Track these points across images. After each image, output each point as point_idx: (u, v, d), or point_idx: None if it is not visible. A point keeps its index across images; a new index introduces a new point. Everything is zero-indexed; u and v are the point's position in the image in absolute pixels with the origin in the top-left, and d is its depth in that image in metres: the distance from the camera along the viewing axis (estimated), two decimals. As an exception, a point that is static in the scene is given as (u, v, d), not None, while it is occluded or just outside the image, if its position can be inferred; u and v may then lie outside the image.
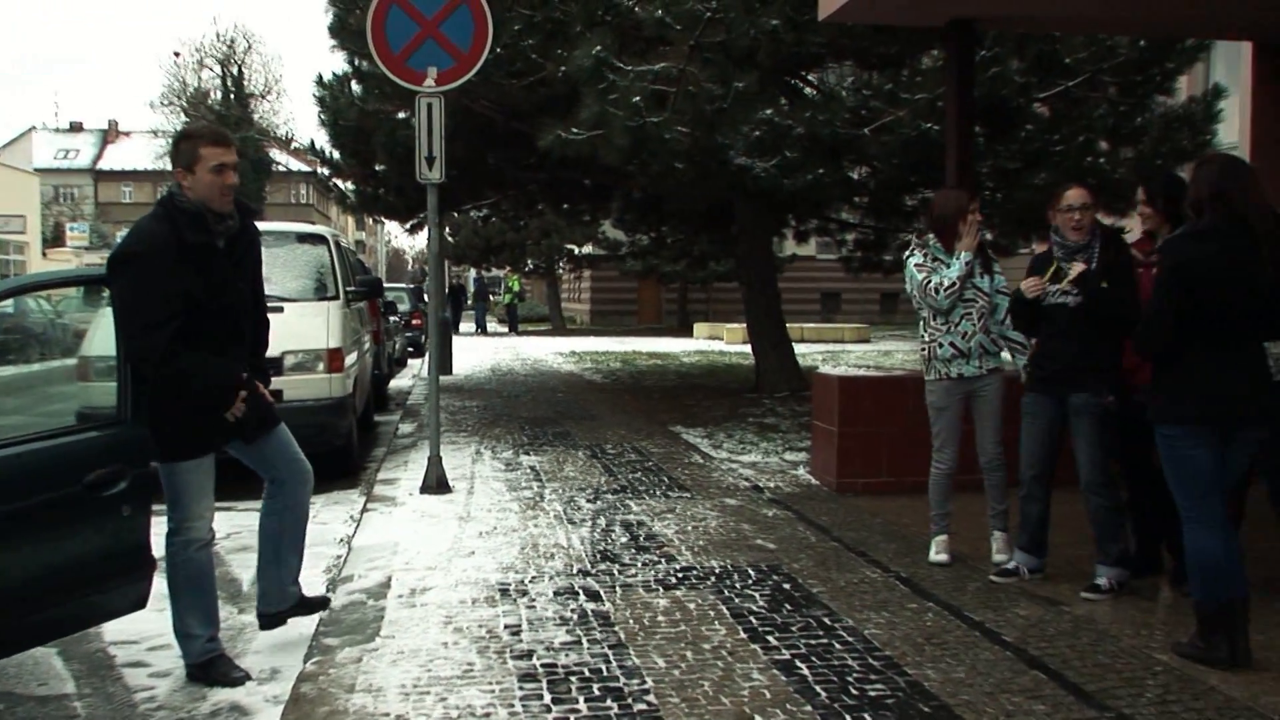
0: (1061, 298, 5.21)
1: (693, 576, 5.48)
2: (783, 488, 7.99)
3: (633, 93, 9.54)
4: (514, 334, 35.61)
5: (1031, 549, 5.47)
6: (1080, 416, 5.17)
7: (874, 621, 4.74)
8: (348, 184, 17.86)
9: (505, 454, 9.45)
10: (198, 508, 4.32)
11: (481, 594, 5.21)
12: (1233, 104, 12.95)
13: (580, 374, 18.59)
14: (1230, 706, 3.80)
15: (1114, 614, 4.89)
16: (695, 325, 34.87)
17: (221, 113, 50.12)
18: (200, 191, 4.16)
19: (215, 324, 4.22)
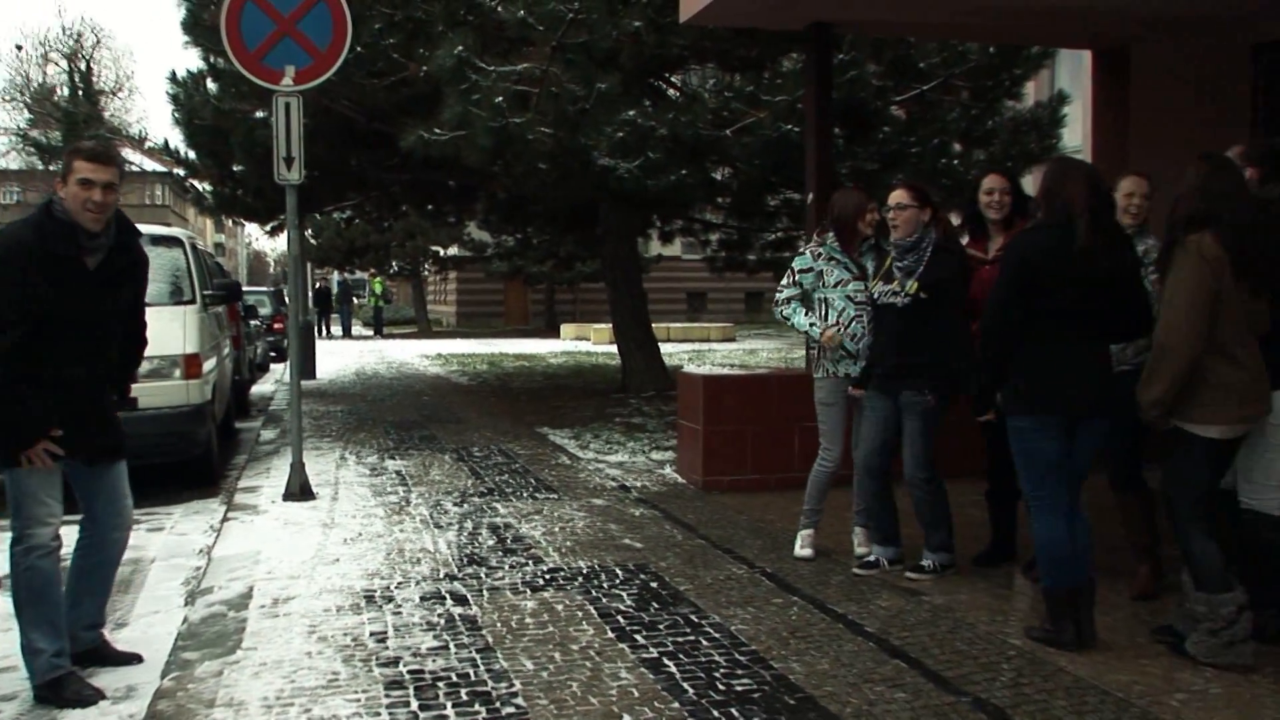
0: (891, 298, 5.34)
1: (560, 578, 5.46)
2: (649, 487, 8.02)
3: (495, 93, 9.47)
4: (379, 337, 35.01)
5: (887, 540, 5.61)
6: (906, 414, 5.34)
7: (740, 617, 4.79)
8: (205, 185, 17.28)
9: (370, 459, 9.28)
10: (39, 513, 4.11)
11: (346, 601, 5.09)
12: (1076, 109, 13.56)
13: (446, 377, 18.39)
14: (1078, 686, 3.95)
15: (970, 602, 5.04)
16: (562, 326, 34.80)
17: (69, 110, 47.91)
18: (69, 204, 4.08)
19: (71, 340, 4.09)
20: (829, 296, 5.71)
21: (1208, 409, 4.10)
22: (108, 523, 4.42)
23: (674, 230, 18.58)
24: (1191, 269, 4.03)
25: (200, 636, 4.68)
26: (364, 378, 18.23)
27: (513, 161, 10.60)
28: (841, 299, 5.67)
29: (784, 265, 18.06)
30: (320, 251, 36.58)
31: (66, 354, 4.08)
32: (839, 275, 5.70)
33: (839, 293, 5.68)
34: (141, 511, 7.62)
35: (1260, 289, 4.09)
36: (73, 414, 4.15)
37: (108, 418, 4.32)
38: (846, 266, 5.70)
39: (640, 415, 12.21)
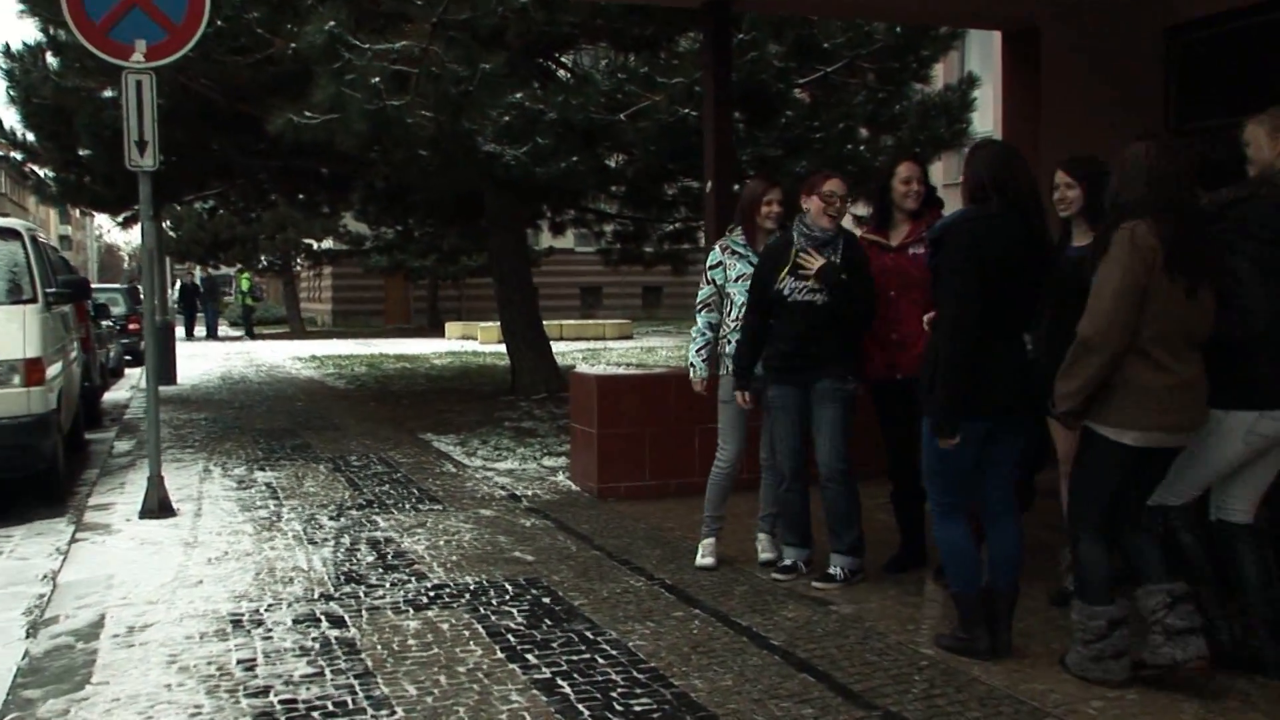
0: (809, 295, 5.36)
1: (445, 595, 5.40)
2: (541, 495, 8.00)
3: (371, 73, 9.33)
4: (249, 338, 34.27)
5: (802, 542, 5.68)
6: (823, 403, 5.38)
7: (639, 632, 4.79)
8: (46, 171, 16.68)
9: (237, 471, 9.07)
10: None
11: (211, 628, 4.95)
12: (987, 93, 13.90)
13: (322, 380, 18.11)
14: (992, 696, 4.04)
15: (880, 610, 5.12)
16: (447, 325, 34.58)
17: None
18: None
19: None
20: (731, 292, 5.79)
21: (1123, 412, 4.00)
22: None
23: (565, 221, 18.55)
24: (1123, 257, 3.92)
25: (44, 671, 4.51)
26: (230, 383, 17.85)
27: (391, 147, 10.46)
28: (742, 295, 5.73)
29: (682, 258, 18.28)
30: (180, 245, 35.62)
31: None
32: (740, 269, 5.78)
33: (739, 288, 5.75)
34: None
35: (1195, 288, 3.96)
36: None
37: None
38: (750, 260, 5.76)
39: (531, 419, 12.16)
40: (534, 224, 18.77)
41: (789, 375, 5.45)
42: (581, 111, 10.08)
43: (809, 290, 5.35)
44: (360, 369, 20.22)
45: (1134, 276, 3.90)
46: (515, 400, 13.89)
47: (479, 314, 37.48)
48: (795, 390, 5.46)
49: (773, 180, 6.05)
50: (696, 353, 5.95)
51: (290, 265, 39.21)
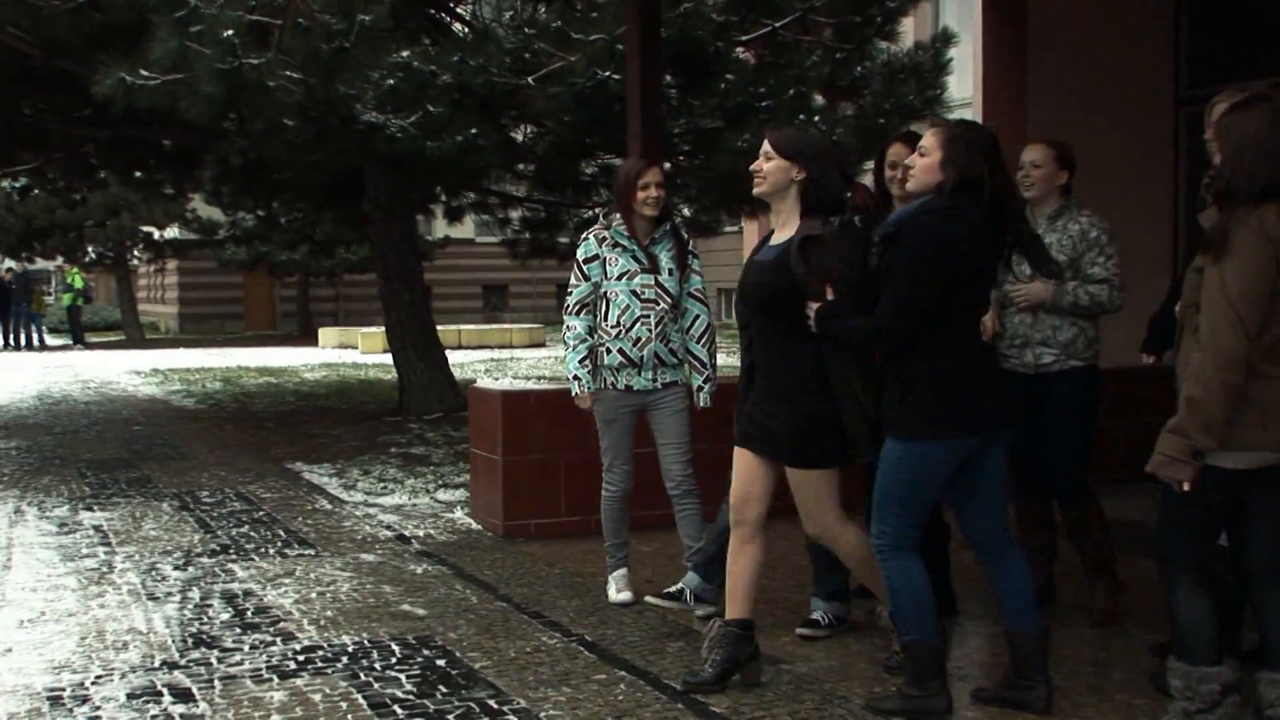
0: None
1: (318, 659, 5.36)
2: (435, 536, 7.98)
3: (223, 25, 9.22)
4: (79, 346, 33.67)
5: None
6: None
7: (552, 700, 4.79)
8: None
9: (58, 511, 8.95)
10: None
11: (22, 706, 4.86)
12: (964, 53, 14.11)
13: (166, 399, 17.94)
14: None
15: (842, 669, 5.16)
16: (321, 331, 34.30)
17: None
18: None
19: None
20: (610, 291, 5.93)
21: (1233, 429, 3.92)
22: None
23: (463, 206, 18.53)
24: (1251, 252, 3.83)
25: None
26: (49, 403, 17.60)
27: (249, 115, 10.36)
28: (626, 294, 5.89)
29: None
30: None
31: None
32: (624, 265, 5.91)
33: (623, 286, 5.90)
34: None
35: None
36: None
37: None
38: (634, 255, 5.91)
39: (423, 444, 12.13)
40: (426, 209, 18.74)
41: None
42: (482, 74, 10.06)
43: None
44: (214, 385, 20.03)
45: (1266, 274, 3.84)
46: (404, 421, 13.83)
47: (360, 317, 37.30)
48: None
49: (651, 159, 6.19)
50: (579, 363, 6.00)
51: (125, 258, 38.64)
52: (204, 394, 18.55)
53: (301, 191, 17.33)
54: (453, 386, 14.67)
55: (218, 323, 41.80)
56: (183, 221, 33.67)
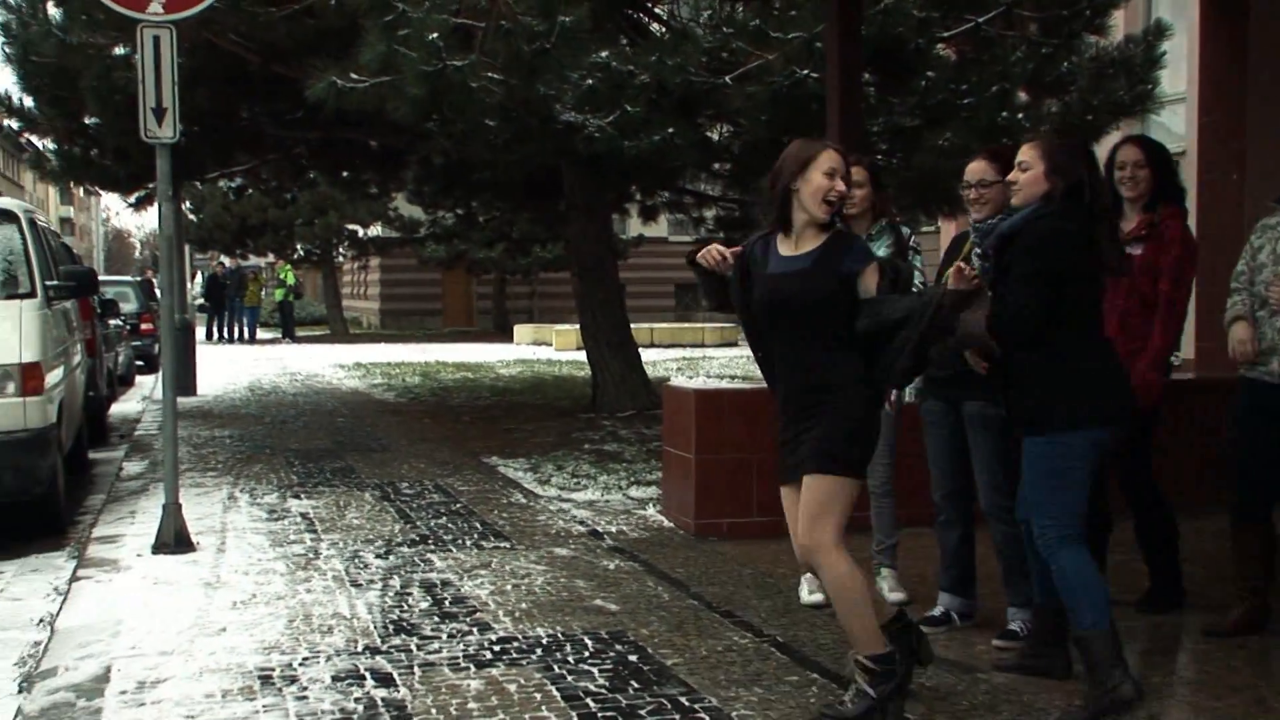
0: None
1: (513, 650, 5.44)
2: (628, 532, 8.02)
3: (429, 28, 9.45)
4: (288, 340, 34.86)
5: (958, 588, 5.78)
6: (974, 428, 5.49)
7: (744, 700, 4.78)
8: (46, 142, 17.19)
9: (268, 498, 9.25)
10: None
11: (235, 684, 5.05)
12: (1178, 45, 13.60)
13: (368, 392, 18.37)
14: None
15: (1039, 681, 5.04)
16: (516, 328, 34.83)
17: None
18: None
19: None
20: None
21: None
22: None
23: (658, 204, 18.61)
24: None
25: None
26: (260, 394, 18.18)
27: (452, 116, 10.57)
28: None
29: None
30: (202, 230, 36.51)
31: None
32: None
33: None
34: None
35: None
36: None
37: None
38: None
39: (615, 441, 12.20)
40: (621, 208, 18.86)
41: (937, 387, 5.65)
42: (679, 73, 10.10)
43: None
44: (413, 379, 20.45)
45: None
46: (597, 418, 13.93)
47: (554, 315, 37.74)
48: (944, 406, 5.66)
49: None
50: None
51: (331, 255, 39.88)
52: (404, 388, 18.97)
53: (500, 191, 17.61)
54: (646, 384, 14.73)
55: (417, 319, 42.74)
56: (386, 220, 34.61)
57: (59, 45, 12.99)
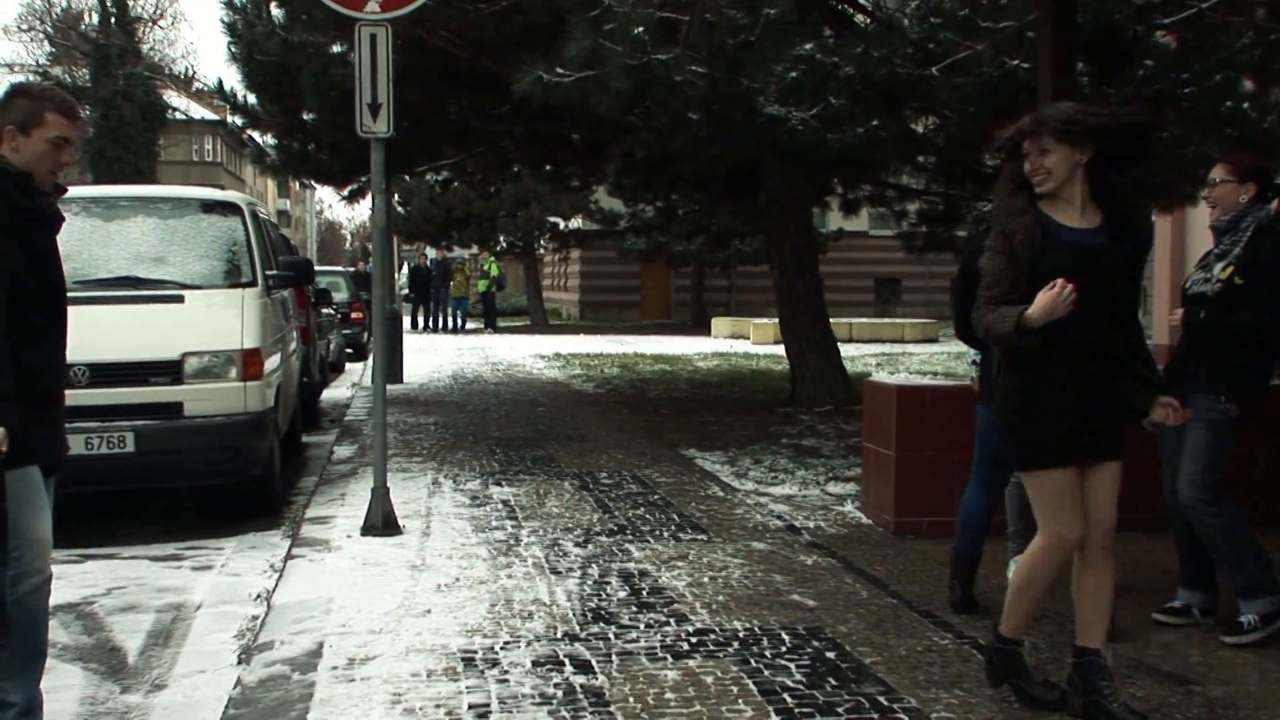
0: (1200, 286, 5.63)
1: (710, 642, 5.47)
2: (825, 528, 7.99)
3: (634, 22, 9.50)
4: (490, 330, 35.55)
5: (1198, 584, 5.83)
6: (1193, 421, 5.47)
7: (944, 702, 4.72)
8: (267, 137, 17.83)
9: (470, 485, 9.45)
10: (32, 532, 4.24)
11: (439, 665, 5.18)
12: None
13: (567, 382, 18.61)
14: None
15: (1261, 694, 4.86)
16: (714, 320, 34.93)
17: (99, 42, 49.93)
18: (28, 159, 4.32)
19: (37, 308, 4.31)
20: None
21: None
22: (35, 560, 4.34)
23: (860, 198, 18.40)
24: None
25: (257, 704, 4.83)
26: (463, 382, 18.58)
27: (655, 110, 10.63)
28: None
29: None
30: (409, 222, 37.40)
31: (33, 323, 4.28)
32: None
33: None
34: (186, 545, 7.99)
35: None
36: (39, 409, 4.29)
37: (60, 420, 4.49)
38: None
39: (813, 436, 12.14)
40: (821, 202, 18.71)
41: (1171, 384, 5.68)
42: (884, 65, 9.95)
43: (1202, 280, 5.66)
44: (611, 370, 20.65)
45: None
46: (795, 412, 13.89)
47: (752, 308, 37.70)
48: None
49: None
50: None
51: (533, 247, 40.49)
52: (602, 379, 19.17)
53: (700, 184, 17.63)
54: (845, 379, 14.62)
55: (615, 310, 43.13)
56: (586, 213, 34.98)
57: (280, 44, 13.47)
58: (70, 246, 8.63)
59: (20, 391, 4.20)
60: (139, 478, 8.29)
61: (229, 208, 9.63)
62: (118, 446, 7.99)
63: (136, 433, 8.03)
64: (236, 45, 14.44)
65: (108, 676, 5.49)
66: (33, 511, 4.26)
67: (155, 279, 8.77)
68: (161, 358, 8.18)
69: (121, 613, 6.47)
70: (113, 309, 8.35)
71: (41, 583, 4.29)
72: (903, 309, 41.84)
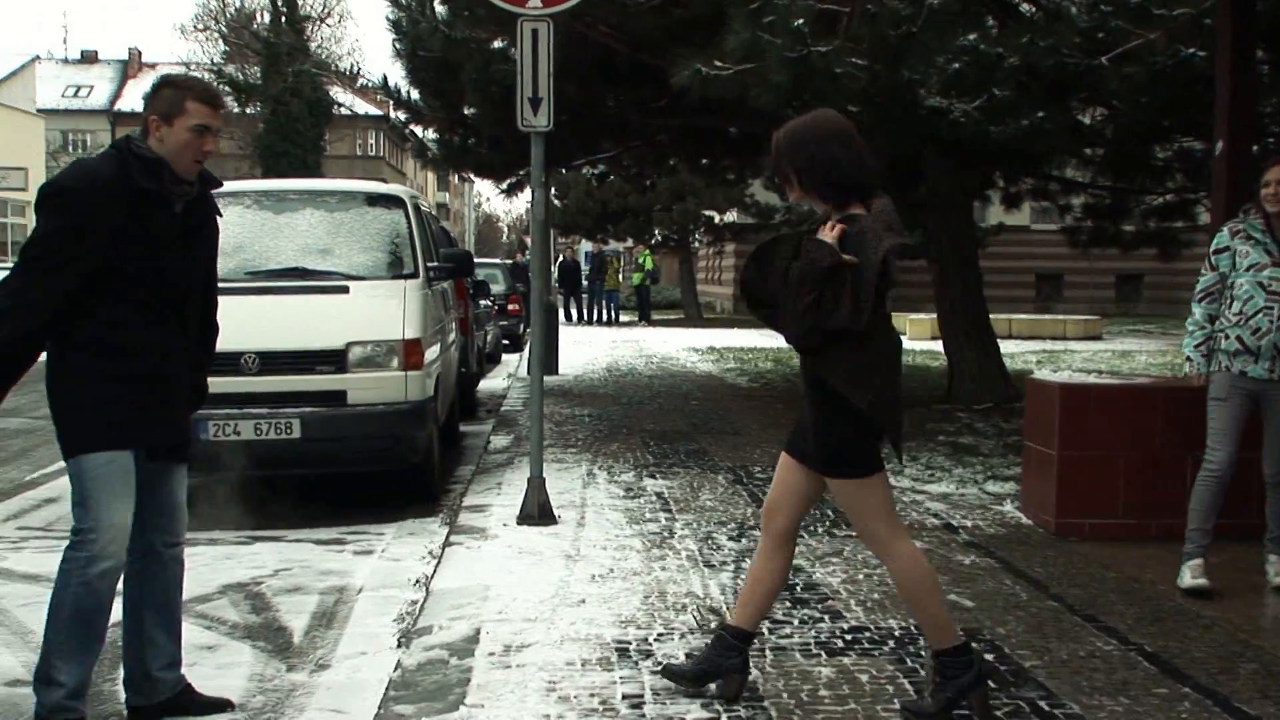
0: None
1: (865, 640, 5.43)
2: (983, 527, 7.86)
3: (794, 14, 9.46)
4: (644, 323, 35.72)
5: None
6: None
7: (1108, 709, 4.62)
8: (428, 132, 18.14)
9: (625, 476, 9.51)
10: (115, 516, 4.36)
11: (594, 654, 5.23)
12: None
13: (721, 376, 18.61)
14: None
15: None
16: (870, 315, 34.52)
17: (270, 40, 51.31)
18: (171, 148, 4.42)
19: (148, 292, 4.41)
20: (1237, 282, 6.16)
21: None
22: (159, 537, 4.64)
23: (1022, 192, 18.07)
24: None
25: (416, 687, 4.92)
26: (617, 374, 18.70)
27: (813, 103, 10.53)
28: (1251, 286, 6.12)
29: (1174, 239, 17.37)
30: (566, 215, 37.73)
31: (144, 305, 4.39)
32: (1254, 258, 6.12)
33: (1249, 278, 6.13)
34: (348, 530, 8.17)
35: None
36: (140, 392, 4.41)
37: (178, 405, 4.61)
38: (1266, 249, 6.10)
39: (972, 433, 11.96)
40: (982, 195, 18.42)
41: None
42: (1051, 55, 9.74)
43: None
44: (765, 365, 20.59)
45: None
46: (952, 409, 13.69)
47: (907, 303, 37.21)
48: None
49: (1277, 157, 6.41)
50: (1194, 348, 6.34)
51: (688, 241, 40.54)
52: (756, 373, 19.12)
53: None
54: (1004, 376, 14.37)
55: (770, 305, 42.85)
56: (741, 206, 34.90)
57: (443, 40, 13.70)
58: (243, 238, 8.97)
59: (118, 371, 4.34)
60: (304, 463, 8.51)
61: (393, 201, 9.82)
62: (285, 433, 8.21)
63: (303, 420, 8.24)
64: (401, 42, 14.74)
65: (274, 655, 5.64)
66: (114, 497, 4.35)
67: (322, 270, 9.00)
68: (327, 347, 8.38)
69: (287, 593, 6.65)
70: (282, 299, 8.60)
71: (112, 569, 4.39)
72: (1065, 305, 40.94)
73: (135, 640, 4.64)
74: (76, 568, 4.33)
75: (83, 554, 4.33)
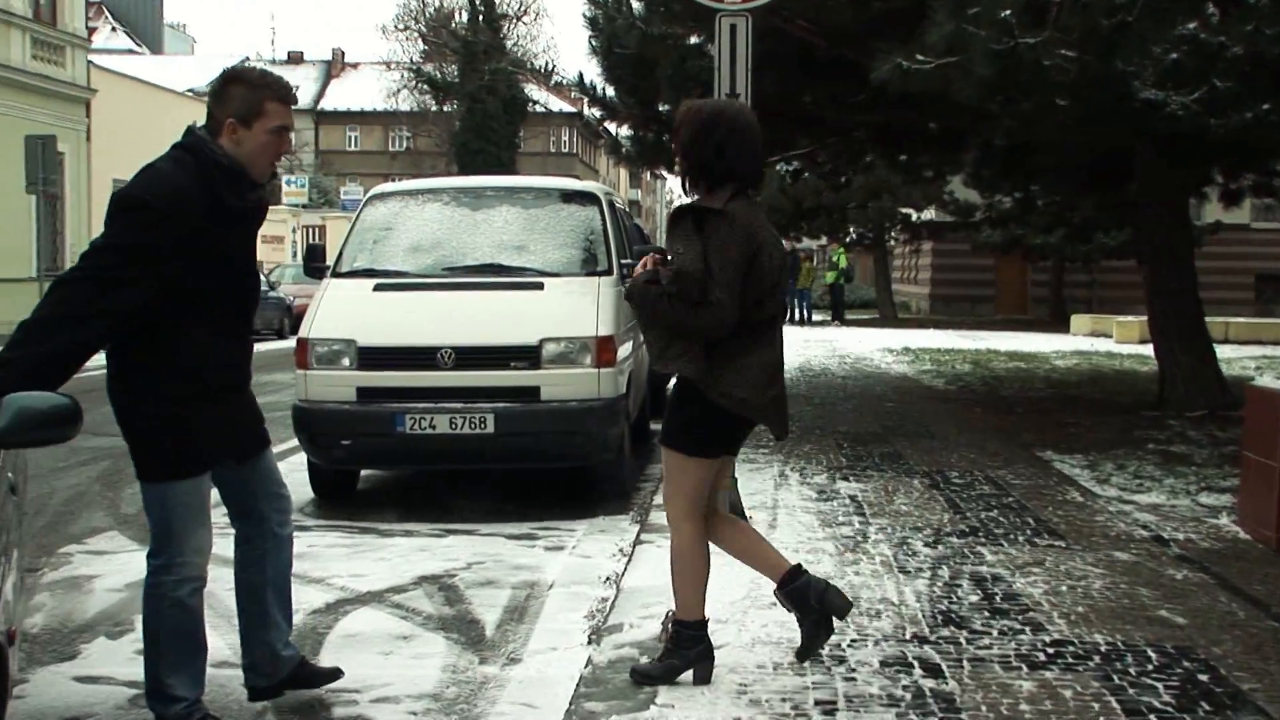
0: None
1: (1068, 654, 5.31)
2: (1197, 541, 7.61)
3: (1000, 5, 9.30)
4: (838, 323, 35.52)
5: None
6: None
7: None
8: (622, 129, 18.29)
9: (817, 478, 9.46)
10: (196, 538, 4.43)
11: (785, 658, 5.22)
12: None
13: (916, 378, 18.43)
14: None
15: None
16: (1073, 317, 33.90)
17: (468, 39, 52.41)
18: (248, 151, 4.35)
19: (227, 304, 4.42)
20: None
21: None
22: (274, 519, 4.74)
23: (1243, 188, 17.45)
24: None
25: (607, 684, 4.98)
26: (809, 374, 18.66)
27: (1019, 96, 10.35)
28: None
29: None
30: (760, 213, 37.62)
31: (221, 318, 4.39)
32: None
33: None
34: (539, 525, 8.30)
35: None
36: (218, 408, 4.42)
37: (254, 408, 4.67)
38: None
39: (1184, 442, 11.60)
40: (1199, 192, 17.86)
41: None
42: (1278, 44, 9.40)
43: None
44: (963, 367, 20.32)
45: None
46: (1163, 417, 13.29)
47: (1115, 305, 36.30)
48: None
49: None
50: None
51: (883, 239, 40.17)
52: (953, 375, 18.87)
53: (1063, 174, 17.11)
54: (1221, 383, 13.88)
55: (967, 305, 42.27)
56: (940, 204, 34.46)
57: (640, 36, 13.82)
58: (440, 235, 9.19)
59: (194, 391, 4.29)
60: (497, 458, 8.67)
61: (587, 198, 9.94)
62: (479, 427, 8.37)
63: (496, 414, 8.38)
64: (597, 39, 14.91)
65: (467, 647, 5.76)
66: (198, 523, 4.43)
67: (517, 266, 9.15)
68: (522, 343, 8.51)
69: (480, 587, 6.79)
70: (477, 294, 8.78)
71: (201, 583, 4.49)
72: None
73: (260, 624, 4.78)
74: (167, 590, 4.41)
75: (171, 577, 4.41)
